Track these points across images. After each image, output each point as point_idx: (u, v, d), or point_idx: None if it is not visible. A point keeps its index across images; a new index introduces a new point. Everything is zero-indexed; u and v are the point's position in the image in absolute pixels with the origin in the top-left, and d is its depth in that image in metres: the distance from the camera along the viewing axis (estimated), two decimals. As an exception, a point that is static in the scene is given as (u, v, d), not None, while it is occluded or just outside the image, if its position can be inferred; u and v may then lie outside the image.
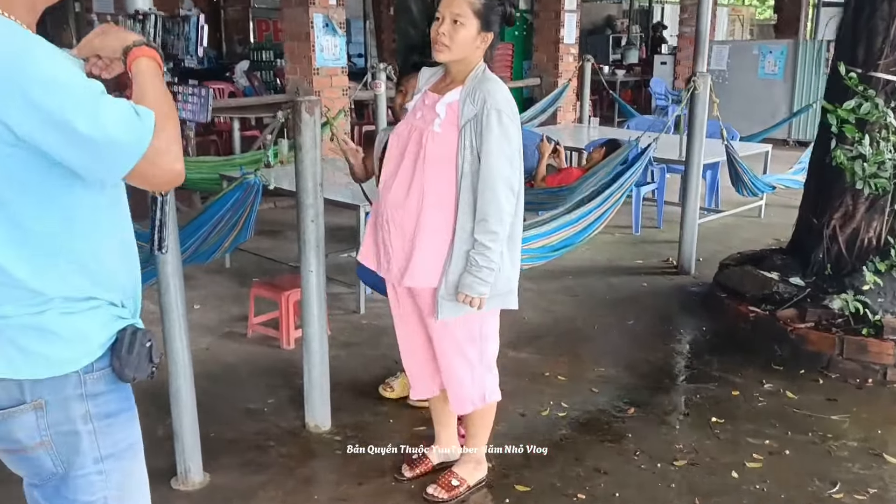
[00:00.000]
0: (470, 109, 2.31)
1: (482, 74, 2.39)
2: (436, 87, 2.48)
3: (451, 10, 2.33)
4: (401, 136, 2.48)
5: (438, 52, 2.35)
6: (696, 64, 4.92)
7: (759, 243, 5.85)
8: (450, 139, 2.35)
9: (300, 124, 2.79)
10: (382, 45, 14.70)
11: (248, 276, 4.85)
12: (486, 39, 2.38)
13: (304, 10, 6.56)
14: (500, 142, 2.28)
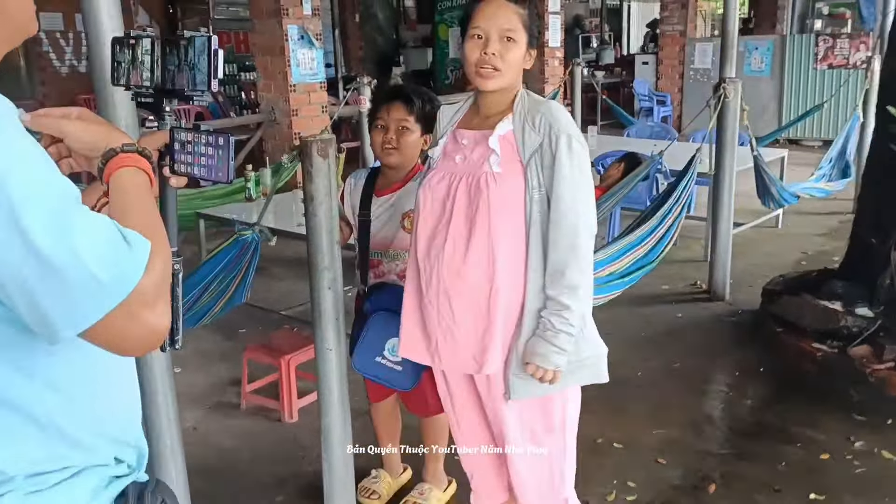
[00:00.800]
0: (532, 138, 1.86)
1: (528, 96, 1.95)
2: (466, 123, 2.00)
3: (498, 24, 1.85)
4: (437, 187, 1.97)
5: (486, 78, 1.87)
6: (724, 69, 4.45)
7: (786, 258, 5.43)
8: (513, 180, 1.88)
9: (311, 170, 2.23)
10: (349, 54, 14.13)
11: (235, 328, 4.27)
12: (532, 57, 1.94)
13: (278, 22, 5.97)
14: (574, 174, 1.84)
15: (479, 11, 1.87)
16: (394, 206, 2.52)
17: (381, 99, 2.54)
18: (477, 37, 1.86)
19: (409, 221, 2.51)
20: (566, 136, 1.82)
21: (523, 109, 1.89)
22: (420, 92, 2.52)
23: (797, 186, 5.43)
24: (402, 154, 2.44)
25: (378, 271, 2.54)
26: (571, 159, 1.82)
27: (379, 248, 2.53)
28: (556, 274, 1.86)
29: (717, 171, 4.52)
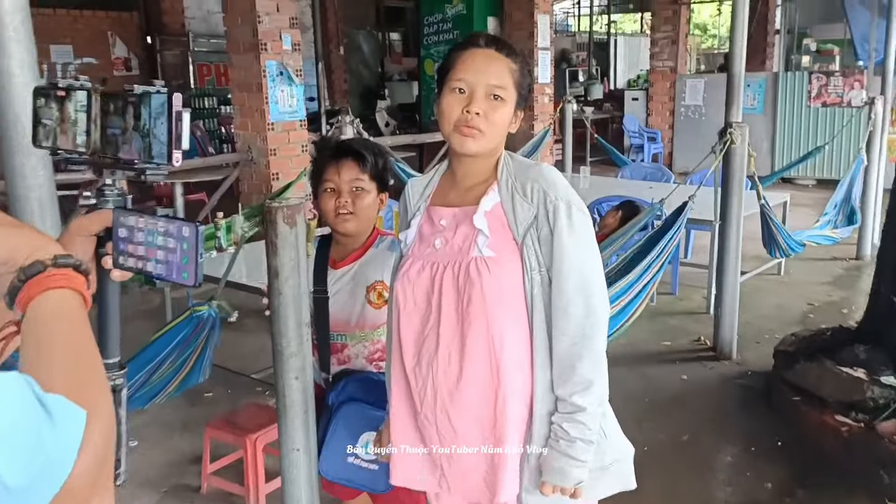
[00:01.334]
0: (525, 211, 1.55)
1: (513, 160, 1.65)
2: (442, 198, 1.69)
3: (486, 80, 1.56)
4: (418, 280, 1.64)
5: (467, 137, 1.56)
6: (731, 113, 4.17)
7: (793, 310, 5.13)
8: (509, 263, 1.55)
9: (275, 241, 1.90)
10: (334, 87, 13.89)
11: (200, 392, 3.89)
12: (519, 119, 1.64)
13: (255, 58, 5.66)
14: (579, 248, 1.54)
15: (464, 62, 1.56)
16: (354, 279, 2.19)
17: (326, 157, 2.20)
18: (459, 90, 1.55)
19: (375, 295, 2.17)
20: (565, 204, 1.52)
21: (510, 176, 1.59)
22: (369, 145, 2.22)
23: (803, 234, 5.15)
24: (359, 219, 2.13)
25: (342, 357, 2.20)
26: (573, 231, 1.52)
27: (341, 329, 2.19)
28: (565, 370, 1.53)
29: (723, 221, 4.22)
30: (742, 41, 4.09)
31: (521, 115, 1.64)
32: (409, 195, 1.75)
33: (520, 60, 1.61)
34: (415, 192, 1.74)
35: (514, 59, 1.59)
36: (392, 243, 2.25)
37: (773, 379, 3.80)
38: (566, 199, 1.53)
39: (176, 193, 6.10)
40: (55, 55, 10.91)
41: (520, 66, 1.60)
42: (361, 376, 2.16)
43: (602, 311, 1.54)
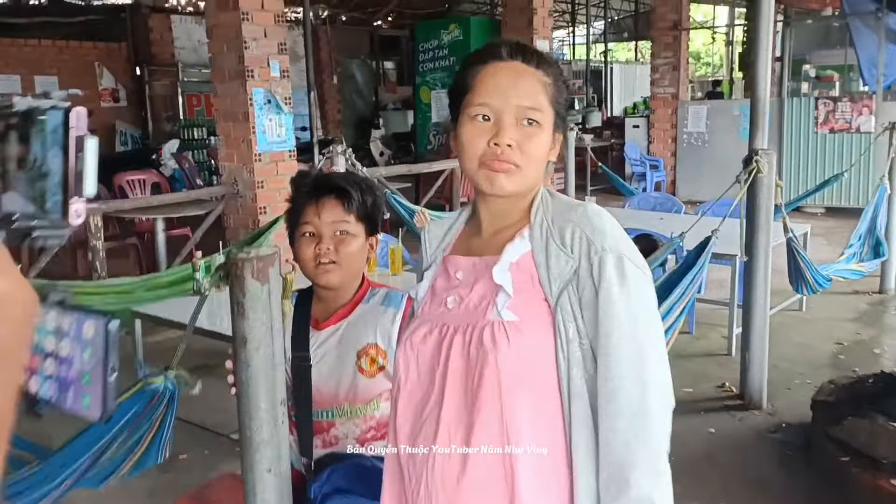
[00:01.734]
0: (562, 263, 1.19)
1: (553, 198, 1.29)
2: (463, 246, 1.35)
3: (516, 101, 1.22)
4: (423, 347, 1.28)
5: (498, 173, 1.21)
6: (756, 139, 3.83)
7: (821, 350, 4.76)
8: (536, 330, 1.19)
9: (242, 300, 1.52)
10: (327, 117, 13.62)
11: (175, 453, 3.48)
12: (559, 145, 1.30)
13: (241, 85, 5.33)
14: (635, 314, 1.16)
15: (485, 81, 1.23)
16: (342, 342, 1.82)
17: (304, 194, 1.83)
18: (482, 118, 1.22)
19: (367, 361, 1.80)
20: (615, 256, 1.17)
21: (546, 219, 1.24)
22: (355, 180, 1.86)
23: (830, 269, 4.80)
24: (344, 269, 1.80)
25: (328, 438, 1.83)
26: (627, 291, 1.15)
27: (327, 403, 1.81)
28: (615, 480, 1.14)
29: (749, 257, 3.86)
30: (766, 64, 3.77)
31: (561, 138, 1.30)
32: (426, 242, 1.42)
33: (554, 70, 1.27)
34: (432, 239, 1.41)
35: (546, 69, 1.25)
36: (387, 297, 1.88)
37: (813, 434, 3.41)
38: (616, 250, 1.17)
39: (157, 229, 5.73)
40: (40, 87, 10.61)
41: (554, 77, 1.26)
42: (351, 462, 1.79)
43: (663, 402, 1.16)
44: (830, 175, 9.04)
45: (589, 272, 1.17)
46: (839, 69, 12.65)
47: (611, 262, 1.16)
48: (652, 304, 1.21)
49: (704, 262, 3.53)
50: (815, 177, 9.48)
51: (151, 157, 9.90)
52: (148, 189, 6.66)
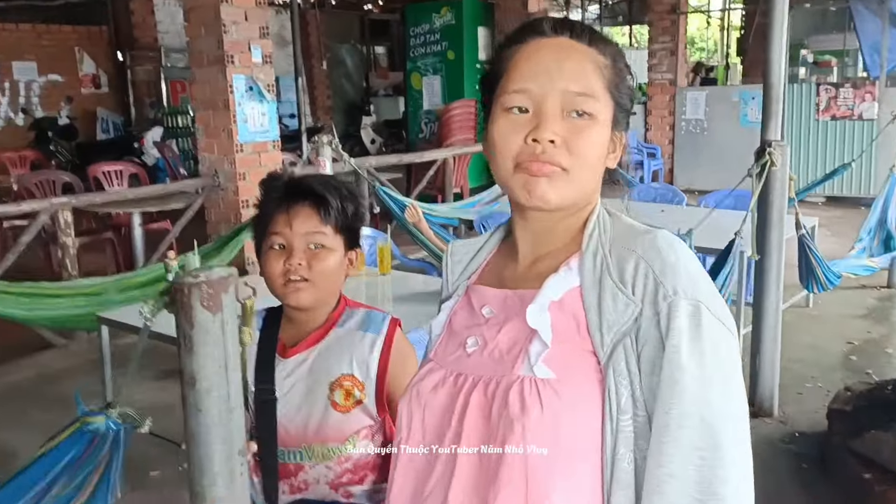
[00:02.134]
0: (619, 307, 0.92)
1: (612, 220, 1.00)
2: (495, 273, 1.08)
3: (563, 83, 0.94)
4: (433, 399, 1.02)
5: (539, 179, 0.94)
6: (769, 130, 3.59)
7: (832, 350, 4.55)
8: (579, 393, 0.92)
9: (190, 333, 1.27)
10: (316, 103, 13.32)
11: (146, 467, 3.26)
12: (620, 147, 1.01)
13: (221, 72, 5.05)
14: (708, 385, 0.88)
15: (521, 61, 0.96)
16: (312, 372, 1.57)
17: (273, 199, 1.57)
18: (518, 109, 0.95)
19: (342, 394, 1.55)
20: (690, 304, 0.89)
21: (602, 247, 0.96)
22: (334, 185, 1.58)
23: (840, 265, 4.57)
24: (317, 288, 1.54)
25: (296, 483, 1.58)
26: (701, 352, 0.87)
27: (295, 442, 1.57)
28: None
29: (761, 255, 3.62)
30: (781, 49, 3.52)
31: (624, 139, 1.02)
32: (448, 266, 1.15)
33: (612, 50, 0.99)
34: (456, 264, 1.14)
35: (602, 48, 0.98)
36: (365, 319, 1.62)
37: (829, 445, 3.19)
38: (692, 296, 0.89)
39: (133, 223, 5.46)
40: (18, 72, 10.30)
41: (613, 58, 0.98)
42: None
43: (736, 497, 0.88)
44: (832, 163, 8.86)
45: (654, 322, 0.89)
46: (837, 54, 12.41)
47: (684, 311, 0.88)
48: (735, 375, 0.91)
49: (732, 268, 3.28)
50: (816, 165, 9.26)
51: (134, 145, 9.61)
52: (125, 181, 6.38)
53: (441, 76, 8.33)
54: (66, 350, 4.52)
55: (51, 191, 5.98)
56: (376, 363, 1.55)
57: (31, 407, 3.86)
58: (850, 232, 7.26)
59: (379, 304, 3.58)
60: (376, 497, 1.61)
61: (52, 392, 4.09)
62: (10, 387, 4.20)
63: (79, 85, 10.87)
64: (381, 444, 1.62)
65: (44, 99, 10.47)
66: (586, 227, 0.99)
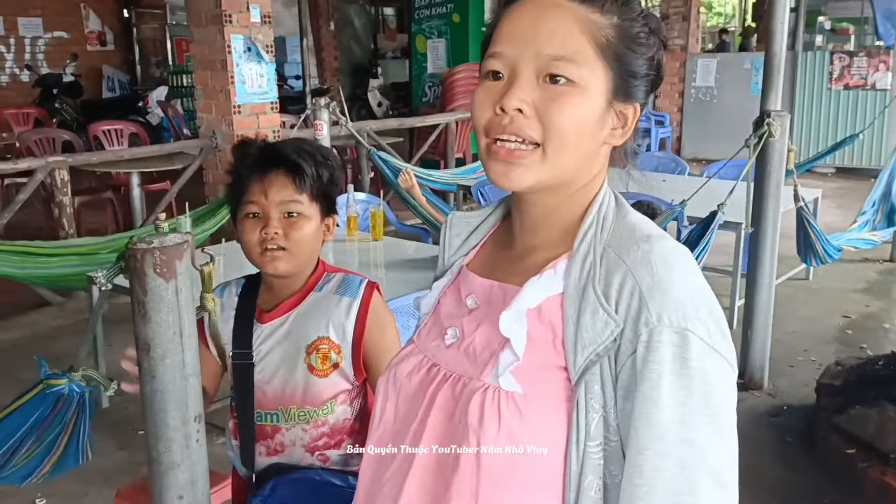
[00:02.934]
0: (597, 324, 0.82)
1: (617, 214, 0.89)
2: (489, 256, 1.00)
3: (537, 45, 0.84)
4: (406, 385, 0.97)
5: (498, 164, 0.85)
6: (768, 100, 3.52)
7: (827, 324, 4.51)
8: (543, 412, 0.84)
9: (144, 300, 1.26)
10: (324, 64, 13.20)
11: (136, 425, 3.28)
12: (625, 119, 0.89)
13: (219, 31, 4.99)
14: (692, 428, 0.78)
15: (502, 24, 0.87)
16: (289, 336, 1.57)
17: (247, 166, 1.55)
18: (492, 75, 0.87)
19: (318, 358, 1.55)
20: (675, 332, 0.78)
21: (593, 250, 0.86)
22: (308, 150, 1.56)
23: (841, 238, 4.53)
24: (294, 256, 1.53)
25: (272, 445, 1.59)
26: (685, 389, 0.77)
27: (272, 405, 1.57)
28: None
29: (756, 227, 3.58)
30: (784, 15, 3.44)
31: (631, 111, 0.88)
32: (445, 240, 1.05)
33: (621, 9, 0.86)
34: (454, 236, 1.04)
35: (602, 5, 0.85)
36: (342, 283, 1.61)
37: (816, 420, 3.18)
38: (679, 323, 0.78)
39: (132, 184, 5.45)
40: (23, 29, 10.23)
41: (620, 17, 0.86)
42: (299, 475, 1.55)
43: None
44: (842, 134, 8.73)
45: (633, 346, 0.79)
46: (855, 21, 12.17)
47: (668, 340, 0.77)
48: (727, 411, 0.80)
49: (710, 240, 3.25)
50: (826, 136, 9.13)
51: (138, 104, 9.57)
52: (125, 140, 6.35)
53: (446, 39, 8.22)
54: (61, 308, 4.55)
55: (50, 149, 5.97)
56: (352, 326, 1.56)
57: (23, 365, 3.88)
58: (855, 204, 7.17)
59: (370, 270, 3.57)
60: (353, 462, 1.61)
61: (45, 350, 4.11)
62: (4, 344, 4.24)
63: (84, 42, 10.80)
64: (360, 410, 1.62)
65: (49, 56, 10.42)
66: (583, 221, 0.88)
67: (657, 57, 0.89)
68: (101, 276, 1.30)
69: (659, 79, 0.91)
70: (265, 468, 1.59)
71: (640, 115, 0.91)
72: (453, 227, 1.05)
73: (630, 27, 0.86)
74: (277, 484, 1.54)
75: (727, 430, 0.80)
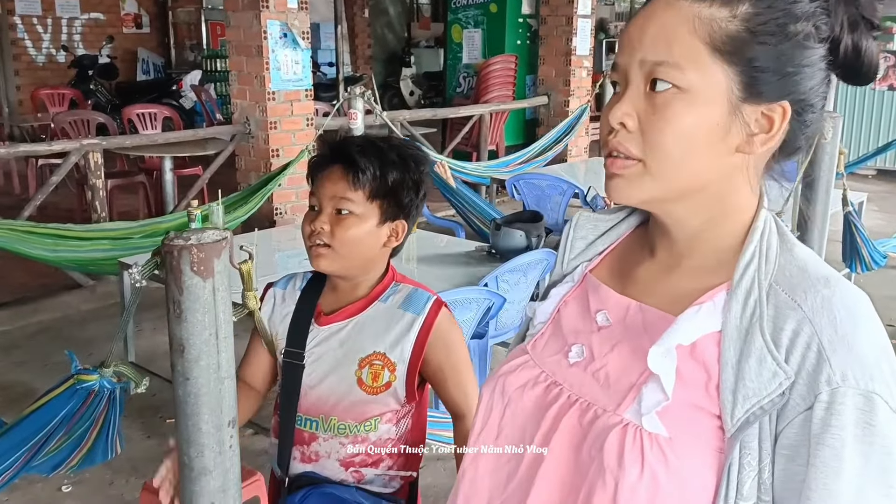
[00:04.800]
0: (763, 373, 0.73)
1: (782, 246, 0.79)
2: (621, 265, 0.91)
3: (641, 51, 0.76)
4: (520, 399, 0.88)
5: (611, 173, 0.79)
6: (820, 100, 3.38)
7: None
8: (691, 459, 0.75)
9: (179, 299, 1.20)
10: (357, 52, 13.15)
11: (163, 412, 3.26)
12: (780, 121, 0.76)
13: (255, 16, 4.94)
14: (868, 498, 0.70)
15: (626, 25, 0.81)
16: (344, 344, 1.50)
17: (319, 157, 1.52)
18: (614, 87, 0.82)
19: (370, 374, 1.48)
20: (861, 395, 0.70)
21: (757, 285, 0.76)
22: (374, 149, 1.48)
23: (887, 244, 4.39)
24: (340, 256, 1.46)
25: (307, 452, 1.53)
26: (865, 457, 0.70)
27: (313, 411, 1.51)
28: None
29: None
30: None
31: (781, 114, 0.76)
32: (567, 241, 0.97)
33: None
34: (579, 238, 0.96)
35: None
36: (408, 298, 1.53)
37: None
38: (865, 385, 0.70)
39: (164, 168, 5.43)
40: (60, 9, 10.27)
41: (744, 4, 0.74)
42: (329, 491, 1.49)
43: None
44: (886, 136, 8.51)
45: (807, 403, 0.71)
46: (902, 20, 11.86)
47: (852, 404, 0.69)
48: None
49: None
50: (869, 137, 8.90)
51: (172, 88, 9.58)
52: (160, 124, 6.34)
53: (482, 29, 8.10)
54: (92, 291, 4.55)
55: (85, 131, 5.98)
56: (412, 345, 1.48)
57: (54, 347, 3.89)
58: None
59: (402, 264, 3.51)
60: (391, 484, 1.55)
61: (75, 334, 4.12)
62: (36, 327, 4.24)
63: (120, 24, 10.82)
64: (409, 432, 1.55)
65: (85, 37, 10.45)
66: (744, 250, 0.78)
67: (834, 37, 0.75)
68: (135, 272, 1.24)
69: (843, 65, 0.77)
70: (298, 475, 1.54)
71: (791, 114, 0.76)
72: (579, 227, 0.96)
73: (764, 15, 0.74)
74: (308, 495, 1.49)
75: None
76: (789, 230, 0.81)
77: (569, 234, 0.96)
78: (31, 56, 10.09)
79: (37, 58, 10.17)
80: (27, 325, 4.26)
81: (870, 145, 8.50)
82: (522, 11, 8.01)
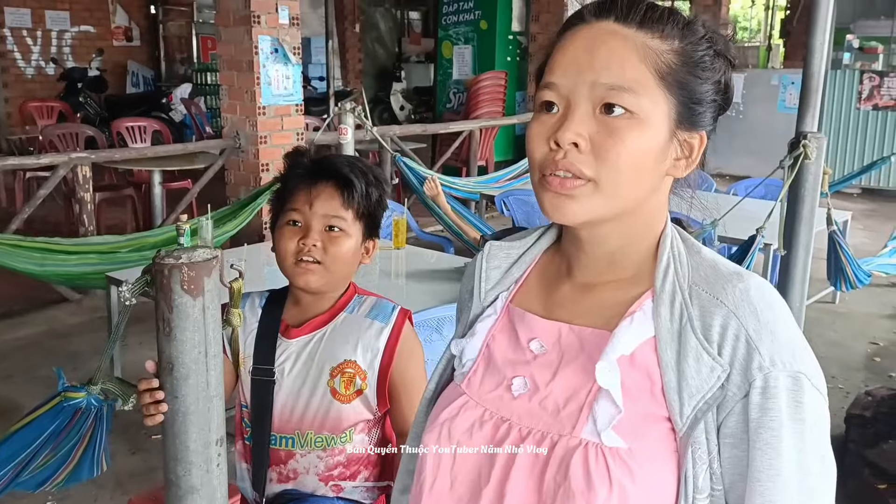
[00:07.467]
0: (703, 370, 0.77)
1: (687, 251, 0.84)
2: (540, 291, 0.91)
3: (592, 74, 0.79)
4: (466, 440, 0.86)
5: (552, 194, 0.80)
6: (804, 121, 3.43)
7: (855, 351, 4.41)
8: (652, 467, 0.78)
9: (169, 317, 1.21)
10: (347, 67, 13.19)
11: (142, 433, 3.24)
12: (698, 148, 0.83)
13: (247, 32, 4.96)
14: (807, 470, 0.76)
15: (556, 53, 0.83)
16: (314, 356, 1.51)
17: (297, 174, 1.53)
18: (546, 107, 0.82)
19: (342, 382, 1.50)
20: (789, 376, 0.75)
21: (679, 289, 0.81)
22: (361, 168, 1.53)
23: (871, 263, 4.43)
24: (329, 273, 1.50)
25: (284, 471, 1.53)
26: (801, 432, 0.76)
27: (288, 428, 1.52)
28: None
29: (788, 250, 3.49)
30: (825, 32, 3.35)
31: (697, 140, 0.83)
32: (480, 273, 0.95)
33: (678, 32, 0.81)
34: (492, 268, 0.94)
35: (661, 30, 0.80)
36: (374, 308, 1.56)
37: (846, 453, 3.08)
38: (792, 367, 0.76)
39: (153, 181, 5.43)
40: (50, 21, 10.27)
41: (681, 40, 0.81)
42: (311, 502, 1.49)
43: None
44: (871, 155, 8.61)
45: (742, 392, 0.76)
46: (884, 41, 12.00)
47: (784, 386, 0.75)
48: (829, 453, 0.78)
49: (750, 264, 3.18)
50: (854, 157, 9.00)
51: (162, 101, 9.58)
52: (149, 137, 6.34)
53: (472, 46, 8.17)
54: (79, 305, 4.53)
55: (73, 144, 5.97)
56: (381, 352, 1.51)
57: (40, 361, 3.86)
58: (882, 226, 7.06)
59: (392, 279, 3.52)
60: (368, 495, 1.56)
61: (62, 347, 4.10)
62: (22, 340, 4.22)
63: (110, 37, 10.82)
64: (379, 441, 1.57)
65: (75, 49, 10.45)
66: (659, 257, 0.83)
67: (724, 80, 0.84)
68: (125, 290, 1.24)
69: (727, 102, 0.86)
70: (276, 495, 1.53)
71: (707, 144, 0.85)
72: (492, 257, 0.95)
73: (693, 51, 0.81)
74: (292, 510, 1.49)
75: (831, 465, 0.79)
76: (692, 238, 0.87)
77: (482, 265, 0.95)
78: (21, 68, 10.07)
79: (26, 70, 10.15)
80: (13, 338, 4.23)
81: (854, 163, 8.59)
82: (512, 29, 8.08)
